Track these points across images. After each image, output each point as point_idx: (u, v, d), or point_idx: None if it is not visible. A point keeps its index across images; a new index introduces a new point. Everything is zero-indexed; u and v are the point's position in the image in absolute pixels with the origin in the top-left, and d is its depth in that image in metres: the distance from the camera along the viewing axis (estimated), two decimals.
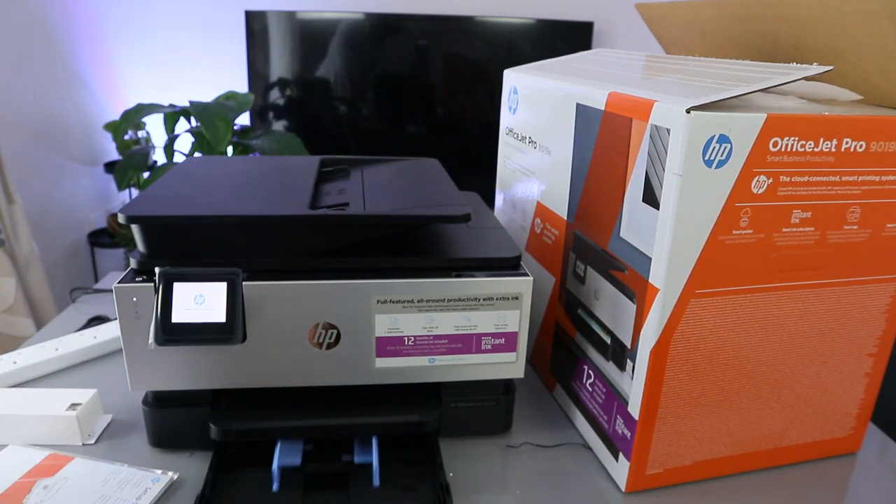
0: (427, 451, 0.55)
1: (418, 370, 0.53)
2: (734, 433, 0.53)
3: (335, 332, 0.51)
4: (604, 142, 0.52)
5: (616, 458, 0.53)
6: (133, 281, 0.48)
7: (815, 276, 0.49)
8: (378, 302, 0.50)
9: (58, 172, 2.11)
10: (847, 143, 0.45)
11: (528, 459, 0.56)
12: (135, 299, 0.48)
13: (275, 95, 2.24)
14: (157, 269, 0.47)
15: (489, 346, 0.53)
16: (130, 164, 1.88)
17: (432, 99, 2.26)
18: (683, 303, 0.46)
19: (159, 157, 2.11)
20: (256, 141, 1.87)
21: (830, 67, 0.45)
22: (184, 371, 0.51)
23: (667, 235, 0.44)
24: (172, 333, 0.47)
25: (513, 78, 0.70)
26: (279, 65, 2.21)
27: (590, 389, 0.57)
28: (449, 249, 0.54)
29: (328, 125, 2.27)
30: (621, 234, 0.50)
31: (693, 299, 0.46)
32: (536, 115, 0.64)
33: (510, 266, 0.53)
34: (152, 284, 0.48)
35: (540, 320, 0.68)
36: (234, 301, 0.48)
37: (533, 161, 0.66)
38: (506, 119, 0.73)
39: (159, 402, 0.53)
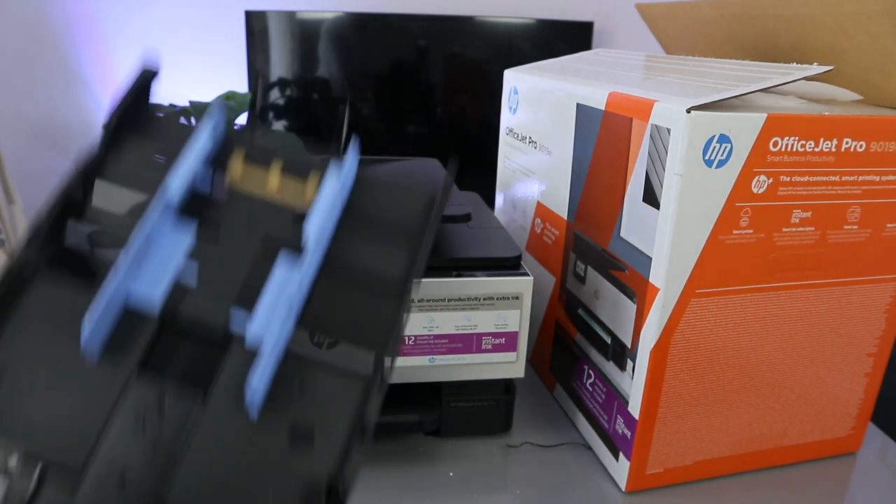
0: None
1: (418, 370, 0.53)
2: (734, 433, 0.53)
3: None
4: (604, 142, 0.52)
5: (616, 457, 0.53)
6: None
7: (815, 276, 0.49)
8: None
9: (58, 172, 2.11)
10: (847, 143, 0.45)
11: (528, 459, 0.56)
12: None
13: (275, 95, 2.24)
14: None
15: (489, 346, 0.53)
16: None
17: (432, 99, 2.26)
18: (683, 303, 0.46)
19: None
20: None
21: (830, 67, 0.45)
22: None
23: (667, 235, 0.44)
24: None
25: (513, 78, 0.70)
26: (279, 65, 2.21)
27: (590, 389, 0.57)
28: (449, 249, 0.54)
29: (328, 125, 2.27)
30: (621, 234, 0.50)
31: (693, 299, 0.46)
32: (536, 115, 0.64)
33: (510, 266, 0.53)
34: None
35: (540, 320, 0.68)
36: None
37: (533, 161, 0.66)
38: (506, 119, 0.73)
39: None
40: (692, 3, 0.66)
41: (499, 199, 0.77)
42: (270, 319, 0.33)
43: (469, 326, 0.52)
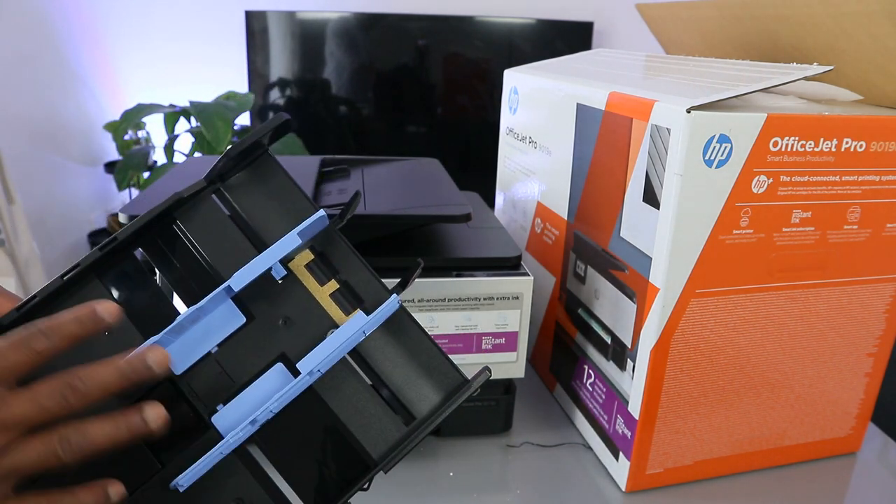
0: None
1: None
2: (734, 433, 0.53)
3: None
4: (604, 142, 0.52)
5: (616, 457, 0.53)
6: None
7: (815, 276, 0.49)
8: None
9: (58, 172, 2.11)
10: (847, 143, 0.45)
11: (528, 459, 0.56)
12: None
13: (275, 95, 2.24)
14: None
15: (490, 346, 0.53)
16: (130, 164, 1.88)
17: (432, 99, 2.26)
18: (683, 302, 0.46)
19: (159, 157, 2.12)
20: None
21: (830, 67, 0.45)
22: None
23: (667, 235, 0.44)
24: None
25: (513, 78, 0.70)
26: (279, 65, 2.21)
27: (590, 389, 0.57)
28: (449, 249, 0.54)
29: (328, 125, 2.27)
30: (621, 234, 0.50)
31: (693, 299, 0.46)
32: (536, 115, 0.64)
33: (510, 266, 0.53)
34: None
35: (540, 320, 0.68)
36: None
37: (533, 161, 0.66)
38: (506, 119, 0.73)
39: None
40: (692, 3, 0.66)
41: (499, 199, 0.77)
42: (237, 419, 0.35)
43: (469, 326, 0.52)
